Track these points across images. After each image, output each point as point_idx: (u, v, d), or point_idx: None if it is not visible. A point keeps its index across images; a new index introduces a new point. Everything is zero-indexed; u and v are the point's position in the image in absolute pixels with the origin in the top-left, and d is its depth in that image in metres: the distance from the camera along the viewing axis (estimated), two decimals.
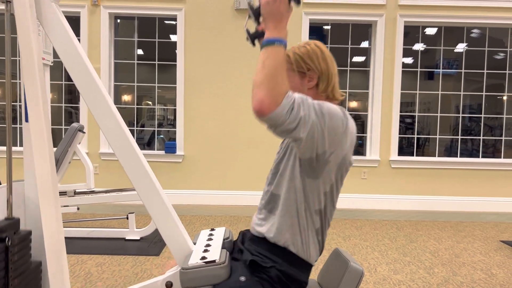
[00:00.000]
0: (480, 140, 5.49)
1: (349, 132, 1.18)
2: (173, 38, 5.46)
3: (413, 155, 5.50)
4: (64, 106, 5.44)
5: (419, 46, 5.50)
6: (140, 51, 5.52)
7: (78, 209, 3.75)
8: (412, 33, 5.44)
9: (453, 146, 5.56)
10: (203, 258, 1.26)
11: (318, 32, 5.47)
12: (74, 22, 5.18)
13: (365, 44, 5.46)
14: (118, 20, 5.43)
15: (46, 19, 1.33)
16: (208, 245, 1.38)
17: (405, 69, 5.34)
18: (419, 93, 5.46)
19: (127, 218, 3.72)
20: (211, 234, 1.49)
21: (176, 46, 5.23)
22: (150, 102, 5.64)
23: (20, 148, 5.08)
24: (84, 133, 3.74)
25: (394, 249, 3.62)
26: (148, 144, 5.70)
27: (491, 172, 5.30)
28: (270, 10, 1.15)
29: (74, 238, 3.67)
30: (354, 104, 5.71)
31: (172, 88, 5.34)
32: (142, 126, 5.70)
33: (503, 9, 5.19)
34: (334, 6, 5.18)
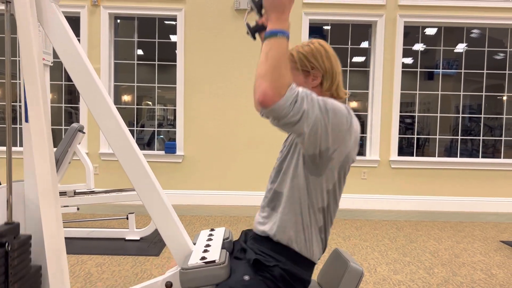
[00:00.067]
0: (480, 140, 5.49)
1: (353, 130, 1.19)
2: (173, 38, 5.46)
3: (413, 155, 5.50)
4: (64, 106, 5.44)
5: (419, 46, 5.51)
6: (140, 51, 5.52)
7: (78, 209, 3.75)
8: (412, 33, 5.44)
9: (453, 146, 5.56)
10: (203, 258, 1.26)
11: (318, 32, 5.47)
12: (74, 22, 5.18)
13: (365, 44, 5.46)
14: (118, 20, 5.44)
15: (46, 20, 1.33)
16: (208, 245, 1.38)
17: (405, 69, 5.34)
18: (419, 93, 5.47)
19: (127, 218, 3.72)
20: (211, 234, 1.49)
21: (176, 46, 5.23)
22: (150, 102, 5.64)
23: (19, 148, 5.08)
24: (84, 133, 3.74)
25: (394, 249, 3.62)
26: (148, 144, 5.71)
27: (491, 172, 5.30)
28: (272, 2, 1.15)
29: (74, 238, 3.68)
30: (354, 104, 5.71)
31: (172, 88, 5.34)
32: (142, 126, 5.70)
33: (503, 9, 5.19)
34: (334, 6, 5.18)
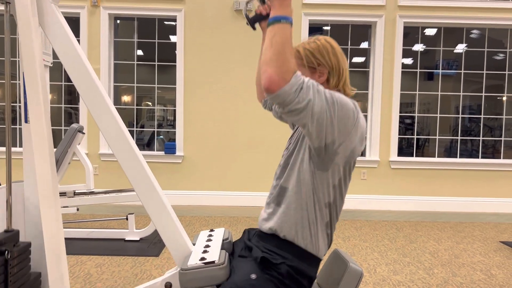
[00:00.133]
0: (479, 140, 5.50)
1: (359, 125, 1.19)
2: (172, 39, 5.46)
3: (412, 156, 5.50)
4: (63, 107, 5.44)
5: (419, 47, 5.51)
6: (139, 52, 5.52)
7: (77, 209, 3.75)
8: (411, 33, 5.44)
9: (452, 146, 5.56)
10: (202, 259, 1.26)
11: (317, 33, 5.47)
12: (73, 23, 5.18)
13: (364, 45, 5.46)
14: (118, 21, 5.44)
15: (46, 20, 1.33)
16: (207, 245, 1.38)
17: (404, 69, 5.34)
18: (419, 93, 5.47)
19: (127, 219, 3.72)
20: (210, 235, 1.49)
21: (175, 47, 5.23)
22: (150, 103, 5.64)
23: (17, 149, 5.07)
24: (83, 133, 3.74)
25: (394, 249, 3.62)
26: (147, 144, 5.70)
27: (491, 172, 5.30)
28: None
29: (73, 238, 3.67)
30: None
31: (171, 88, 5.34)
32: (142, 127, 5.70)
33: (503, 9, 5.19)
34: (333, 7, 5.18)
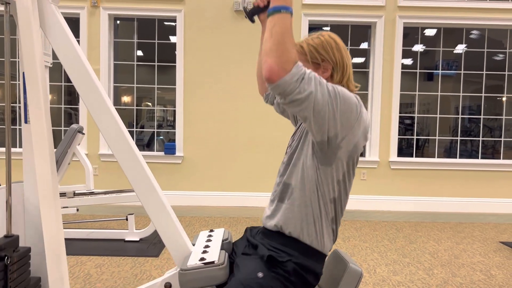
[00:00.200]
0: (479, 141, 5.50)
1: (362, 120, 1.19)
2: (172, 39, 5.46)
3: (412, 156, 5.50)
4: (63, 107, 5.44)
5: (419, 47, 5.51)
6: (139, 52, 5.53)
7: (77, 210, 3.75)
8: (411, 34, 5.45)
9: (452, 147, 5.56)
10: (202, 259, 1.26)
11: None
12: (73, 23, 5.18)
13: (364, 45, 5.47)
14: (118, 21, 5.44)
15: (46, 21, 1.33)
16: (207, 246, 1.38)
17: (404, 70, 5.35)
18: (419, 94, 5.47)
19: (127, 219, 3.72)
20: (210, 235, 1.49)
21: (175, 47, 5.23)
22: (150, 103, 5.65)
23: (17, 149, 5.08)
24: (83, 134, 3.74)
25: (394, 250, 3.62)
26: (147, 145, 5.70)
27: (491, 173, 5.31)
28: None
29: (73, 239, 3.67)
30: None
31: (171, 89, 5.34)
32: (142, 127, 5.70)
33: (502, 10, 5.20)
34: (333, 7, 5.19)
